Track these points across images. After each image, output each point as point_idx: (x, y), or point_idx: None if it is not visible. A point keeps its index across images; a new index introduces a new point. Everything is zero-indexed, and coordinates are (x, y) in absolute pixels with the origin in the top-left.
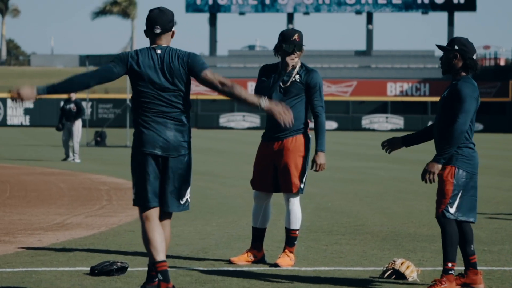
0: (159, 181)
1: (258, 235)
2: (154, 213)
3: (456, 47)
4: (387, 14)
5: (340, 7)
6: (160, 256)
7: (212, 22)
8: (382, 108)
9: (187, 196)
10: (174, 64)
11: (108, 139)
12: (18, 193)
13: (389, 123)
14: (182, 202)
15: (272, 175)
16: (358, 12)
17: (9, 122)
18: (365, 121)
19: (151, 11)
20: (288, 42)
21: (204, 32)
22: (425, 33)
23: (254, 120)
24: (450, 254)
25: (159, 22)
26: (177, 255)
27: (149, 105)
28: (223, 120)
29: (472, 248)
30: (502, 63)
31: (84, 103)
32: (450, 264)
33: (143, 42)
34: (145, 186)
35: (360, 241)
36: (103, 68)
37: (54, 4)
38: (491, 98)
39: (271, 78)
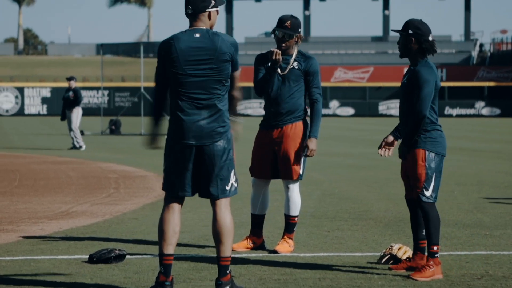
0: (200, 169)
1: (257, 221)
2: (177, 203)
3: (410, 31)
4: (403, 0)
5: None
6: (169, 249)
7: (229, 9)
8: (399, 94)
9: (232, 180)
10: (216, 46)
11: (123, 127)
12: (26, 182)
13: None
14: (228, 188)
15: (271, 162)
16: None
17: (26, 111)
18: (382, 107)
19: None
20: (281, 27)
21: (220, 19)
22: (441, 18)
23: None
24: (434, 238)
25: (191, 2)
26: (178, 242)
27: (183, 91)
28: (240, 107)
29: (423, 233)
30: None
31: (98, 92)
32: (435, 248)
33: (160, 30)
34: (175, 174)
35: (362, 226)
36: (158, 86)
37: None
38: (509, 82)
39: (266, 66)
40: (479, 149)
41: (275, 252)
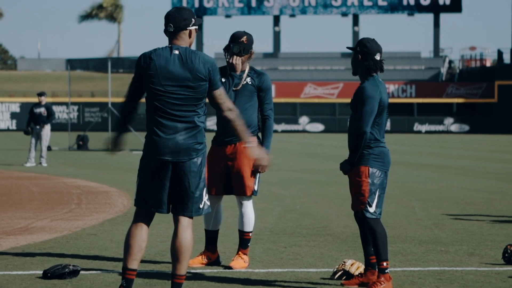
0: (175, 186)
1: (211, 237)
2: (147, 219)
3: (358, 48)
4: (373, 16)
5: (326, 9)
6: (133, 264)
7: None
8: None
9: (205, 199)
10: (194, 65)
11: (90, 143)
12: None
13: None
14: (201, 206)
15: (224, 178)
16: (344, 14)
17: None
18: None
19: (169, 10)
20: (236, 43)
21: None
22: (411, 34)
23: None
24: (382, 254)
25: (172, 20)
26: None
27: (161, 107)
28: (210, 123)
29: (372, 248)
30: (488, 64)
31: (68, 107)
32: (385, 263)
33: (130, 45)
34: (150, 190)
35: (319, 242)
36: (130, 96)
37: (41, 8)
38: (477, 99)
39: (223, 79)
40: (445, 166)
41: (229, 268)
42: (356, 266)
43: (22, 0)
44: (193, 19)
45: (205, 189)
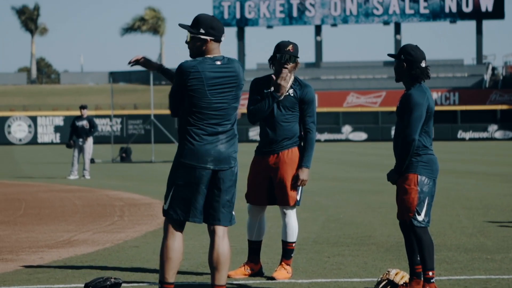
0: (210, 195)
1: (254, 248)
2: (180, 230)
3: (402, 56)
4: (415, 24)
5: (367, 18)
6: (171, 277)
7: (240, 35)
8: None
9: (234, 208)
10: (237, 74)
11: (133, 155)
12: (31, 210)
13: None
14: (233, 215)
15: (267, 188)
16: (386, 23)
17: (39, 140)
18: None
19: (206, 17)
20: (282, 52)
21: (232, 46)
22: (453, 42)
23: None
24: (428, 263)
25: (221, 29)
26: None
27: (202, 116)
28: (253, 133)
29: (419, 258)
30: None
31: (114, 120)
32: (430, 273)
33: (172, 57)
34: (187, 199)
35: (363, 252)
36: (178, 97)
37: (84, 22)
38: None
39: (266, 90)
40: (489, 173)
41: (272, 278)
42: (401, 276)
43: (66, 15)
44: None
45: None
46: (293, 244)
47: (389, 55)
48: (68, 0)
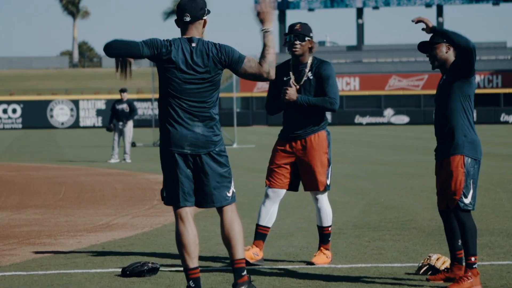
0: (198, 179)
1: (262, 233)
2: (187, 213)
3: (445, 40)
4: (457, 6)
5: (410, 0)
6: (194, 262)
7: (282, 19)
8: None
9: (232, 188)
10: (208, 57)
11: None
12: (71, 194)
13: None
14: (229, 195)
15: (291, 173)
16: (428, 5)
17: (81, 124)
18: None
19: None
20: (291, 32)
21: (273, 29)
22: (496, 24)
23: (329, 116)
24: (471, 248)
25: (188, 9)
26: (215, 255)
27: (177, 100)
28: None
29: (459, 243)
30: None
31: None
32: (473, 258)
33: (213, 40)
34: (174, 184)
35: (404, 236)
36: (132, 42)
37: (125, 6)
38: None
39: (285, 78)
40: None
41: (312, 264)
42: (442, 261)
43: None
44: (206, 9)
45: (232, 181)
46: (329, 228)
47: (426, 42)
48: None
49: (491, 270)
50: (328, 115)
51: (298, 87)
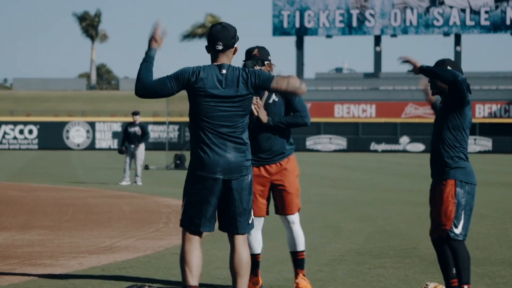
0: (225, 204)
1: (256, 261)
2: (198, 236)
3: (448, 67)
4: (475, 36)
5: (427, 29)
6: (194, 280)
7: (299, 45)
8: (470, 130)
9: (252, 215)
10: (239, 82)
11: (187, 162)
12: (78, 216)
13: (477, 145)
14: (250, 222)
15: (267, 199)
16: (446, 34)
17: (97, 146)
18: None
19: (213, 26)
20: (249, 58)
21: (291, 55)
22: None
23: (340, 142)
24: (464, 276)
25: (221, 38)
26: (214, 279)
27: (208, 125)
28: (310, 142)
29: (454, 271)
30: None
31: (171, 127)
32: (466, 287)
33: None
34: (197, 209)
35: (405, 264)
36: (160, 84)
37: (143, 29)
38: None
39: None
40: None
41: None
42: (434, 285)
43: (126, 22)
44: (237, 37)
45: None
46: (304, 253)
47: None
48: (128, 7)
49: None
50: (342, 141)
51: (261, 104)
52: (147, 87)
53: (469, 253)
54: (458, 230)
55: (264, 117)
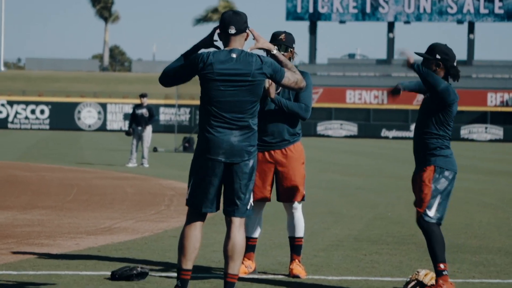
0: (226, 187)
1: (252, 245)
2: (200, 219)
3: (437, 55)
4: (489, 24)
5: (441, 16)
6: (188, 264)
7: (312, 30)
8: (481, 118)
9: (251, 200)
10: (250, 69)
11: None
12: (81, 196)
13: (489, 134)
14: (248, 207)
15: (271, 184)
16: (460, 22)
17: (108, 127)
18: (464, 131)
19: (224, 13)
20: (274, 41)
21: (304, 40)
22: None
23: (351, 128)
24: (438, 255)
25: (234, 22)
26: (208, 262)
27: (215, 108)
28: (321, 128)
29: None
30: None
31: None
32: (442, 265)
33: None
34: (201, 190)
35: (401, 251)
36: (175, 69)
37: (157, 11)
38: None
39: None
40: None
41: (297, 276)
42: (430, 277)
43: (140, 4)
44: (247, 22)
45: (252, 191)
46: (302, 239)
47: (418, 53)
48: None
49: (480, 287)
50: (353, 127)
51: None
52: (165, 76)
53: (443, 236)
54: (431, 213)
55: (273, 92)
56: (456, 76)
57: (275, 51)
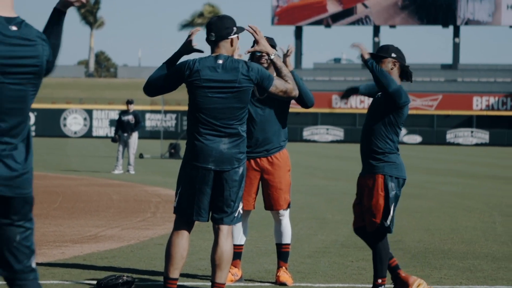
0: (215, 195)
1: (238, 252)
2: (187, 228)
3: (393, 55)
4: (474, 27)
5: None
6: (175, 273)
7: (298, 34)
8: (467, 122)
9: (239, 208)
10: (236, 75)
11: (182, 151)
12: (66, 204)
13: (474, 138)
14: (236, 215)
15: (256, 192)
16: (445, 26)
17: (94, 134)
18: (450, 135)
19: (211, 18)
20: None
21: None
22: (510, 47)
23: (337, 133)
24: (380, 271)
25: (213, 28)
26: (195, 270)
27: (203, 115)
28: (307, 133)
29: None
30: None
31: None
32: (380, 280)
33: None
34: (191, 198)
35: None
36: (160, 78)
37: (142, 17)
38: None
39: None
40: None
41: (284, 284)
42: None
43: (125, 10)
44: (234, 28)
45: (241, 200)
46: (289, 246)
47: (373, 54)
48: None
49: None
50: (340, 132)
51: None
52: (149, 86)
53: (388, 248)
54: (387, 223)
55: (290, 64)
56: (410, 76)
57: (273, 56)
